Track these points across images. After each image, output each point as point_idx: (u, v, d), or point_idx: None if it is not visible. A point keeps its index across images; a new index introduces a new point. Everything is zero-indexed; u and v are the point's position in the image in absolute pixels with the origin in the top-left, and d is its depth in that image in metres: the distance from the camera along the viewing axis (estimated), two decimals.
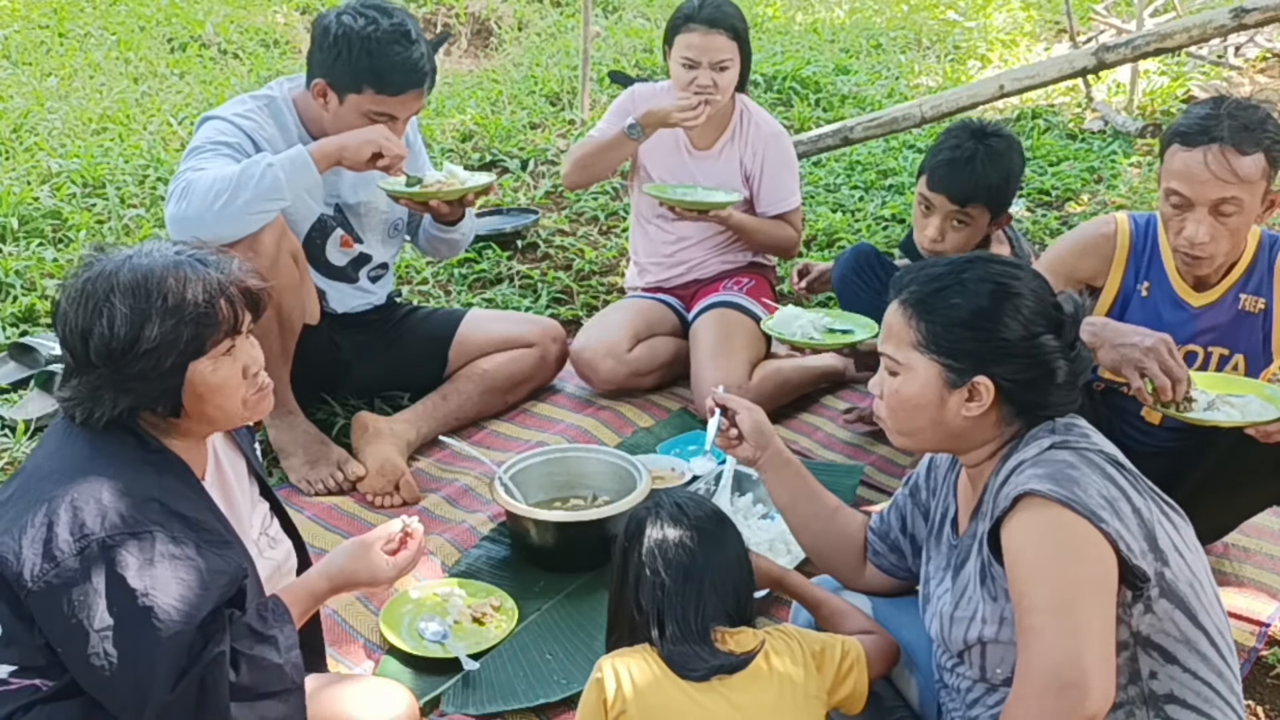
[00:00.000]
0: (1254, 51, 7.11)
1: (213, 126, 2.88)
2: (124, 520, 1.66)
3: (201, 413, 1.82)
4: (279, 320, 2.86)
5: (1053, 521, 1.62)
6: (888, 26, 7.99)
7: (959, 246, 2.94)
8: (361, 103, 2.88)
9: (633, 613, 1.88)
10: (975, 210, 2.93)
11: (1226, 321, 2.51)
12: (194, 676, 1.65)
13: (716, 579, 1.88)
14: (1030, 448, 1.75)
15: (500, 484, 2.77)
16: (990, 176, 2.90)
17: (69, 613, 1.64)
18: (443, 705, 2.31)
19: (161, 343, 1.73)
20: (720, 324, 3.47)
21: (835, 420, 3.41)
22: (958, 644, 1.81)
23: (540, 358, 3.46)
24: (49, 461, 1.77)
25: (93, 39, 6.81)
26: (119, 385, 1.74)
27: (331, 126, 2.93)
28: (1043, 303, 1.79)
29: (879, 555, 2.12)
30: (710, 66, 3.40)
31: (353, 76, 2.86)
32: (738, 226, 3.55)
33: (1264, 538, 2.86)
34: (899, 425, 1.86)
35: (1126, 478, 1.72)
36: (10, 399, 3.34)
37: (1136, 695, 1.66)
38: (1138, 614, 1.65)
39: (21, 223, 4.20)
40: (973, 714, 1.83)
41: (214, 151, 2.80)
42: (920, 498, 2.05)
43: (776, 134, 3.62)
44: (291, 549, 2.09)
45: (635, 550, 1.90)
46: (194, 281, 1.77)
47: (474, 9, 7.90)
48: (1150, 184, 5.20)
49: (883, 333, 1.87)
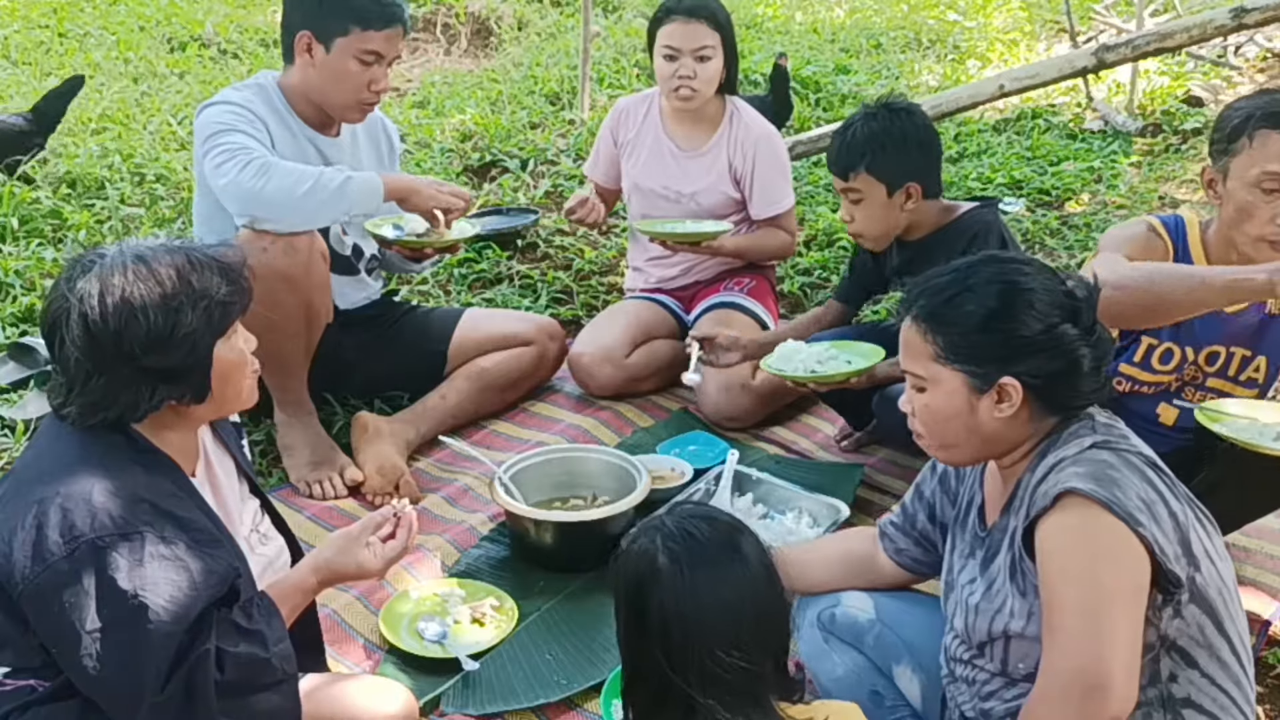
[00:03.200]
0: (1254, 51, 7.11)
1: (221, 110, 2.91)
2: (114, 521, 1.66)
3: (222, 394, 1.85)
4: (307, 319, 2.91)
5: (1091, 522, 1.62)
6: (888, 26, 7.99)
7: (866, 223, 2.91)
8: (350, 44, 2.92)
9: (663, 670, 1.57)
10: (861, 181, 2.86)
11: (1251, 323, 2.50)
12: (180, 677, 1.65)
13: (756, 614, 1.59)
14: (1070, 445, 1.73)
15: (500, 484, 2.77)
16: (864, 143, 2.85)
17: (60, 614, 1.64)
18: (443, 705, 2.31)
19: (197, 326, 1.76)
20: (721, 324, 3.45)
21: (835, 422, 3.41)
22: (981, 635, 1.80)
23: (539, 355, 3.46)
24: (38, 462, 1.76)
25: (92, 39, 6.81)
26: (159, 376, 1.76)
27: (319, 81, 2.98)
28: (1054, 292, 1.77)
29: (902, 551, 2.10)
30: (691, 56, 3.40)
31: (338, 18, 2.91)
32: (733, 253, 3.56)
33: (1264, 538, 2.86)
34: (936, 439, 1.85)
35: (1164, 481, 1.71)
36: (10, 399, 3.34)
37: (1155, 697, 1.67)
38: (1167, 617, 1.65)
39: (21, 223, 4.20)
40: (986, 706, 1.82)
41: (240, 131, 2.84)
42: (950, 484, 2.03)
43: (767, 135, 3.58)
44: (283, 545, 2.09)
45: (649, 593, 1.59)
46: (206, 265, 1.80)
47: (474, 9, 7.90)
48: (1150, 184, 5.21)
49: (902, 351, 1.85)
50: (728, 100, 3.58)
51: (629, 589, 1.63)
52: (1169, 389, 2.59)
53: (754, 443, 3.31)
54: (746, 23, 7.83)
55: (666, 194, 3.58)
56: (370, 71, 2.96)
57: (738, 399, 3.30)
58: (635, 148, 3.63)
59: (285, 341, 2.88)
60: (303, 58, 2.98)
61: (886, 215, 2.91)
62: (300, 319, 2.89)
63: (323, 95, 3.01)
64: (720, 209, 3.56)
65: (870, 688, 2.05)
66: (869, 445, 3.30)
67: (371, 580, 2.63)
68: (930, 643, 2.00)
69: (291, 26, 2.99)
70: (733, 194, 3.57)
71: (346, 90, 2.98)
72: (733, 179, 3.56)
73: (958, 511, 1.98)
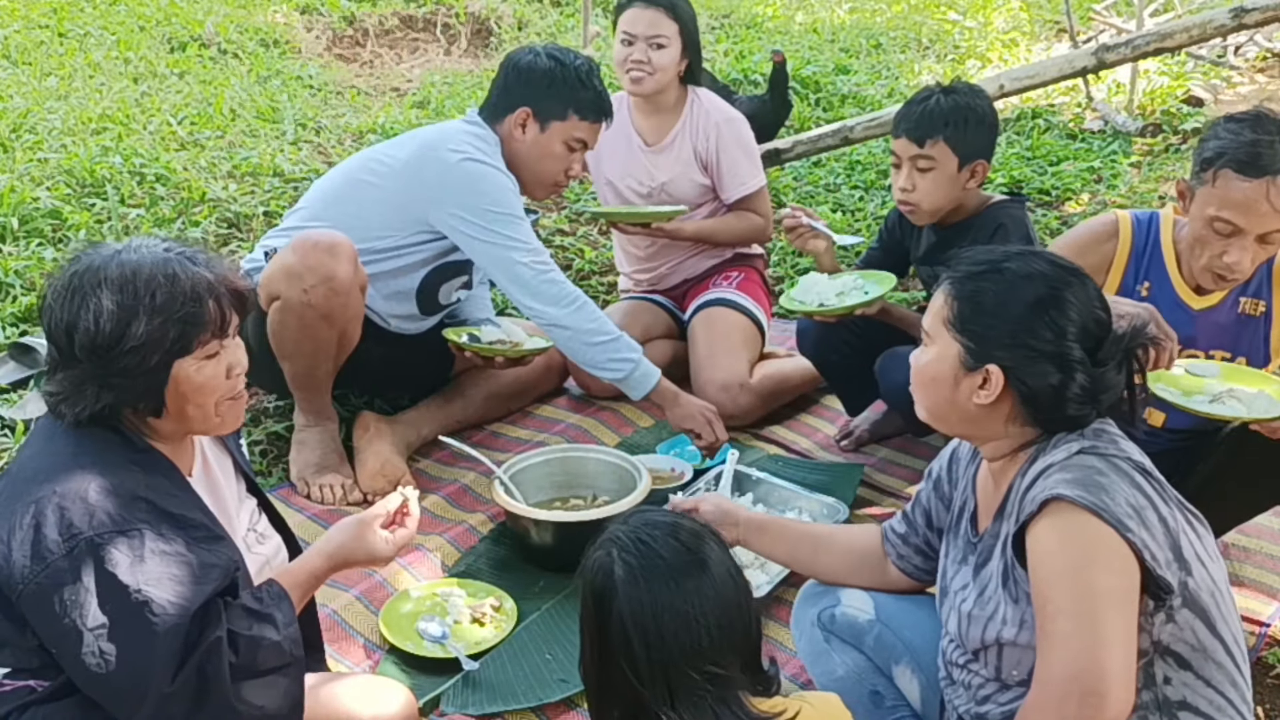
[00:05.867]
0: (1254, 51, 7.12)
1: (500, 182, 2.98)
2: (112, 519, 1.66)
3: (182, 412, 1.80)
4: (340, 345, 2.94)
5: (1079, 528, 1.61)
6: (888, 26, 7.99)
7: (929, 193, 2.91)
8: (565, 129, 3.05)
9: (632, 685, 1.55)
10: (937, 149, 2.88)
11: (1227, 325, 2.49)
12: (193, 665, 1.65)
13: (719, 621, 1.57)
14: (1058, 451, 1.73)
15: (500, 484, 2.77)
16: (948, 113, 2.88)
17: (61, 613, 1.63)
18: (442, 705, 2.31)
19: (148, 340, 1.72)
20: (716, 323, 3.47)
21: (835, 421, 3.41)
22: (975, 642, 1.80)
23: (545, 364, 3.46)
24: (34, 462, 1.76)
25: (92, 39, 6.81)
26: (102, 381, 1.73)
27: (525, 155, 3.08)
28: (1086, 317, 1.75)
29: (903, 559, 2.10)
30: (645, 41, 3.46)
31: (562, 103, 3.04)
32: (695, 237, 3.57)
33: (1264, 538, 2.86)
34: (922, 397, 1.87)
35: (1154, 486, 1.71)
36: (10, 399, 3.34)
37: (1150, 701, 1.66)
38: (1159, 623, 1.65)
39: (21, 223, 4.20)
40: (983, 710, 1.82)
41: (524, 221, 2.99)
42: (943, 490, 2.03)
43: (729, 119, 3.59)
44: (281, 544, 2.09)
45: (609, 608, 1.57)
46: (183, 280, 1.75)
47: (474, 9, 7.90)
48: (1150, 184, 5.21)
49: (929, 309, 1.87)
50: (689, 90, 3.61)
51: (589, 602, 1.61)
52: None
53: (754, 443, 3.31)
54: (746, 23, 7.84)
55: (639, 188, 3.61)
56: (572, 157, 3.10)
57: (738, 399, 3.31)
58: (606, 146, 3.62)
59: (317, 366, 2.94)
60: (516, 130, 3.05)
61: (951, 188, 2.92)
62: (333, 347, 2.93)
63: (523, 168, 3.08)
64: (691, 197, 3.58)
65: (870, 688, 2.05)
66: (869, 445, 3.30)
67: (371, 580, 2.64)
68: (930, 643, 2.00)
69: (513, 98, 3.05)
70: (702, 180, 3.58)
71: (547, 170, 3.09)
72: (700, 165, 3.58)
73: (951, 517, 1.99)
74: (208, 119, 5.53)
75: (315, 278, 2.79)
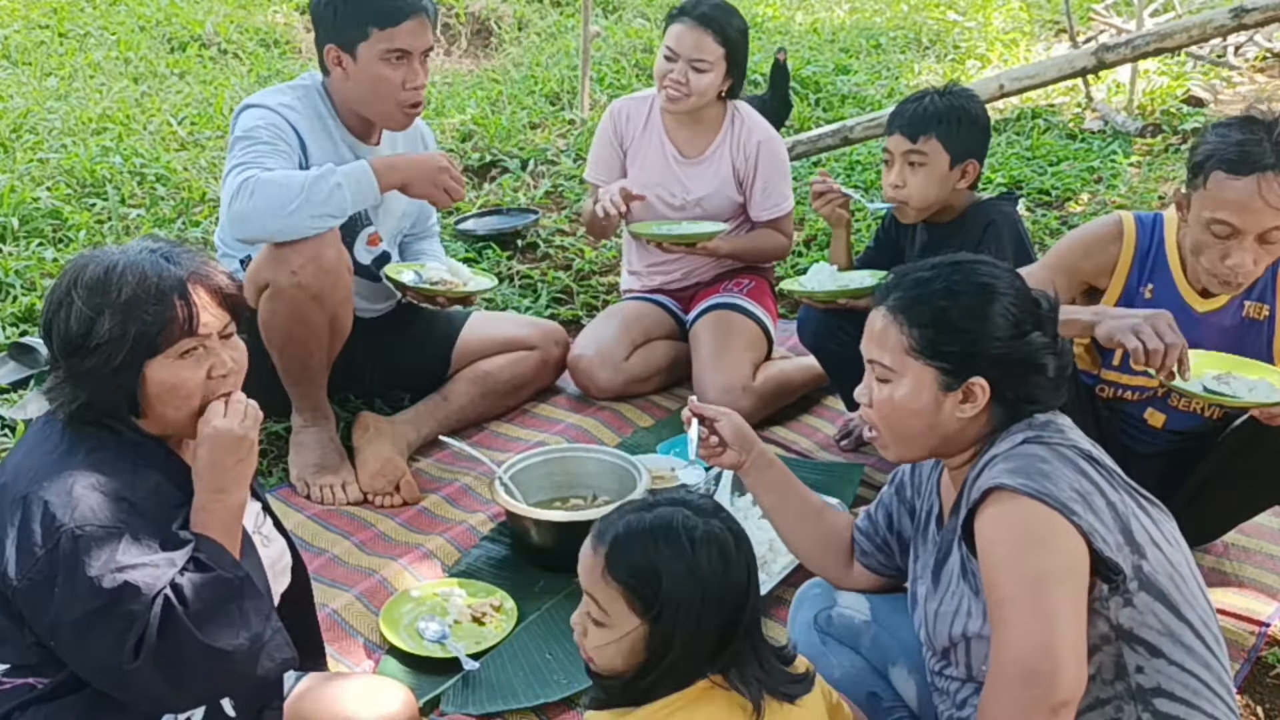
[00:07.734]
0: (1254, 51, 7.12)
1: (255, 114, 2.89)
2: (93, 513, 1.66)
3: (160, 414, 1.78)
4: (331, 331, 2.91)
5: (1021, 514, 1.63)
6: (888, 26, 7.99)
7: (919, 190, 2.94)
8: (373, 48, 2.87)
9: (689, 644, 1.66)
10: (929, 146, 2.91)
11: (1231, 328, 2.49)
12: (150, 635, 1.62)
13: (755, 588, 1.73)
14: (1004, 443, 1.76)
15: (500, 484, 2.77)
16: (942, 112, 2.92)
17: (50, 607, 1.64)
18: (443, 705, 2.31)
19: (110, 339, 1.70)
20: (721, 325, 3.46)
21: (835, 421, 3.41)
22: (942, 640, 1.81)
23: (541, 361, 3.46)
24: (27, 459, 1.76)
25: (92, 39, 6.82)
26: (76, 380, 1.73)
27: (355, 93, 2.94)
28: (1025, 300, 1.80)
29: (866, 555, 2.12)
30: (688, 63, 3.39)
31: (356, 23, 2.86)
32: (729, 255, 3.56)
33: (1264, 538, 2.86)
34: (892, 432, 1.85)
35: (1100, 472, 1.72)
36: (10, 399, 3.34)
37: (1124, 690, 1.67)
38: (1115, 607, 1.66)
39: (22, 223, 4.20)
40: (963, 715, 1.82)
41: (262, 143, 2.82)
42: (905, 495, 2.05)
43: (769, 138, 3.57)
44: (285, 547, 2.08)
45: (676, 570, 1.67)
46: (151, 278, 1.73)
47: (474, 9, 7.91)
48: (1150, 184, 5.21)
49: (869, 340, 1.85)
50: (730, 104, 3.57)
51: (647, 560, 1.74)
52: (1155, 394, 2.57)
53: None
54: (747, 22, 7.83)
55: (671, 200, 3.57)
56: (402, 71, 2.90)
57: (738, 400, 3.30)
58: (638, 153, 3.62)
59: (310, 355, 2.91)
60: (336, 71, 2.94)
61: (941, 186, 2.96)
62: (325, 333, 2.90)
63: (363, 106, 2.97)
64: (723, 213, 3.56)
65: (867, 689, 2.05)
66: (869, 445, 3.30)
67: (372, 580, 2.65)
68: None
69: (319, 44, 2.96)
70: (736, 198, 3.57)
71: (383, 96, 2.92)
72: (736, 182, 3.56)
73: (917, 523, 2.00)
74: (208, 119, 5.54)
75: (303, 258, 2.75)
